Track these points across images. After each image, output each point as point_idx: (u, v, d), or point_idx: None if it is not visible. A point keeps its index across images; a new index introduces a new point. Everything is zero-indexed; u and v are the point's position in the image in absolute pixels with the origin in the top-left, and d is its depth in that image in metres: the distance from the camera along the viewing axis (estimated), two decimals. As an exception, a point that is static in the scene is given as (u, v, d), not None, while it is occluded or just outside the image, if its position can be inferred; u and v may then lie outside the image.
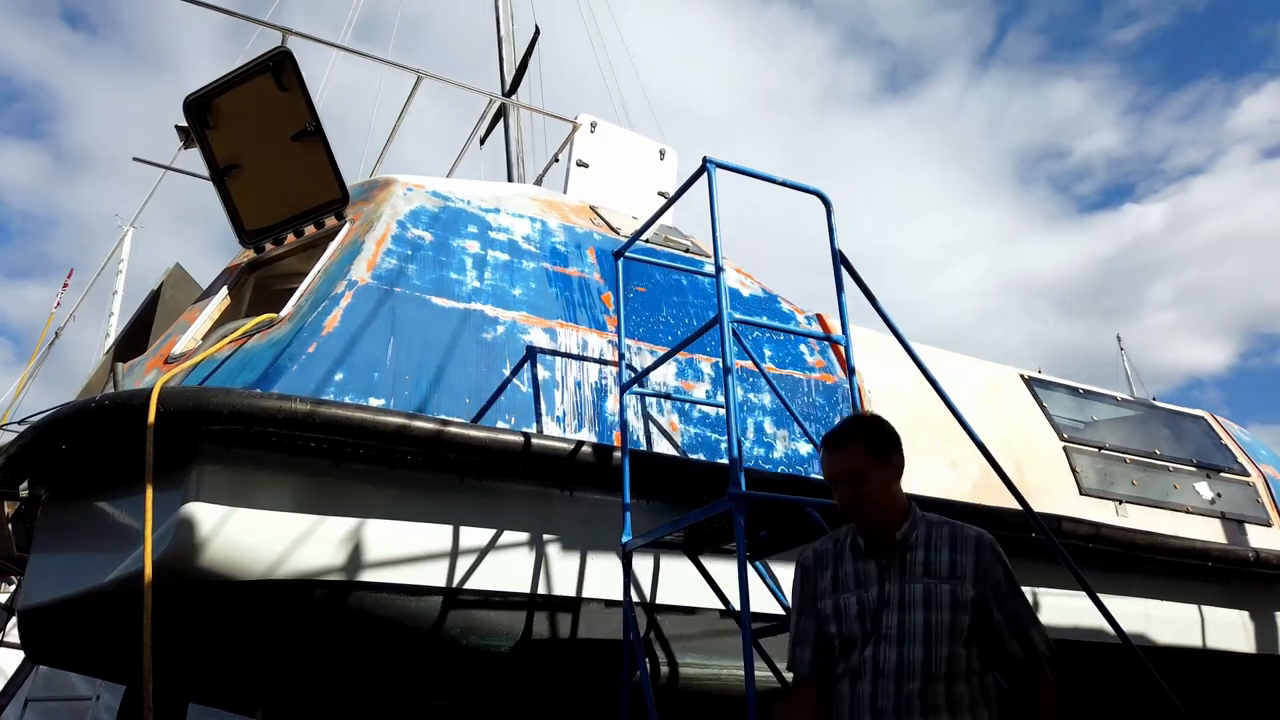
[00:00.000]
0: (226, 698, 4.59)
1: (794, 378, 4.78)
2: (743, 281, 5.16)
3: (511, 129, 8.35)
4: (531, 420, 3.93)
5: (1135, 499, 5.66)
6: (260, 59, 4.10)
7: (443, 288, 4.06)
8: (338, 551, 3.36)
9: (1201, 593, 5.49)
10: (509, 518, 3.70)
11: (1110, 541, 4.88)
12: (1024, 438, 5.47)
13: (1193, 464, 6.18)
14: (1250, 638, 5.67)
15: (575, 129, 5.77)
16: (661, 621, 3.93)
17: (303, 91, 4.07)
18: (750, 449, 4.42)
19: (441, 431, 3.40)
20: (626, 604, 3.51)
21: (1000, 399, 5.65)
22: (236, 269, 4.64)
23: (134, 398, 3.18)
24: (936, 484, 4.76)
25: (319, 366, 3.55)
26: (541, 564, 3.73)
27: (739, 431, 3.24)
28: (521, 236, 4.53)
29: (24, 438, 3.50)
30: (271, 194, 4.29)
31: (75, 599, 3.48)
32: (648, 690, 3.21)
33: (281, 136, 4.15)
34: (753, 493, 3.13)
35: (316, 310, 3.72)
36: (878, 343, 5.35)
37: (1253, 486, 6.34)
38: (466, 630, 3.58)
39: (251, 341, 3.78)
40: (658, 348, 4.43)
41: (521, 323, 4.16)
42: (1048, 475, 5.38)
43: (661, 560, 3.97)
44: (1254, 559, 5.46)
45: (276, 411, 3.14)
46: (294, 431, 3.18)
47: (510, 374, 3.98)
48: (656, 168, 6.05)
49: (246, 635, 3.53)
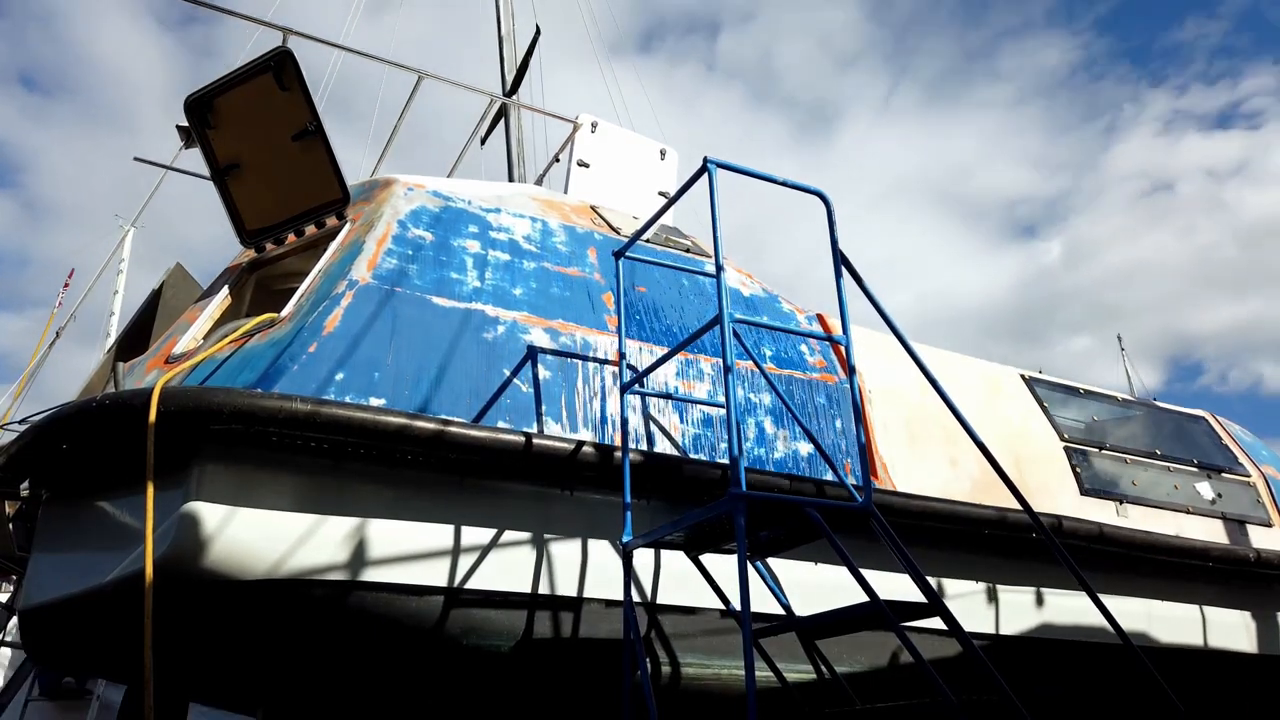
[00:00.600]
0: (227, 698, 4.59)
1: (795, 378, 4.78)
2: (743, 281, 5.16)
3: (512, 129, 8.36)
4: (532, 420, 3.93)
5: (1136, 499, 5.66)
6: (261, 59, 4.10)
7: (443, 288, 4.06)
8: (338, 551, 3.36)
9: (1202, 593, 5.49)
10: (510, 518, 3.70)
11: (1114, 542, 4.88)
12: (1024, 437, 5.47)
13: (1193, 464, 6.18)
14: (1252, 638, 5.67)
15: (576, 129, 5.77)
16: (663, 621, 3.93)
17: (303, 91, 4.07)
18: (751, 449, 4.42)
19: (443, 431, 3.40)
20: (627, 604, 3.51)
21: (1000, 399, 5.65)
22: (237, 269, 4.64)
23: (135, 397, 3.18)
24: (936, 483, 4.76)
25: (320, 366, 3.55)
26: (542, 564, 3.73)
27: (740, 431, 3.24)
28: (522, 236, 4.53)
29: (25, 437, 3.50)
30: (272, 194, 4.29)
31: (76, 599, 3.48)
32: (648, 690, 3.21)
33: (282, 136, 4.15)
34: (753, 493, 3.13)
35: (317, 310, 3.72)
36: (878, 342, 5.35)
37: (1253, 487, 6.34)
38: (467, 630, 3.58)
39: (252, 341, 3.78)
40: (658, 348, 4.43)
41: (522, 323, 4.16)
42: (1048, 475, 5.38)
43: (662, 560, 3.97)
44: (1255, 559, 5.46)
45: (277, 411, 3.14)
46: (295, 431, 3.18)
47: (511, 374, 3.98)
48: (657, 168, 6.05)
49: (247, 635, 3.52)
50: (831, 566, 3.90)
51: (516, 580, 3.64)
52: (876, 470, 4.63)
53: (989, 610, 4.76)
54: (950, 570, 4.68)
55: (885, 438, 4.82)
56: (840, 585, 3.43)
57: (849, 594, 3.26)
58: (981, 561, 4.73)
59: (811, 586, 4.03)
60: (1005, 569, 4.80)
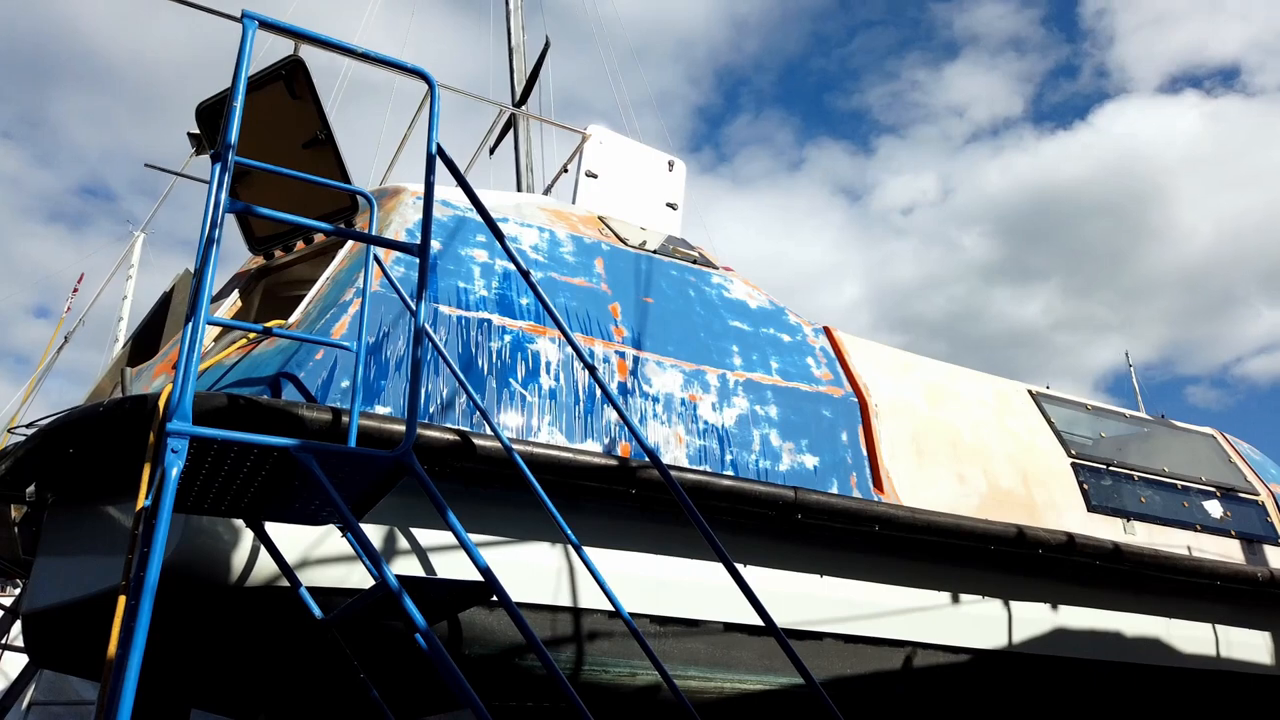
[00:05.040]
0: (229, 704, 4.58)
1: (800, 390, 4.77)
2: (750, 294, 5.16)
3: (521, 139, 8.39)
4: (537, 429, 3.93)
5: (1143, 515, 5.63)
6: (273, 67, 4.12)
7: (451, 296, 4.07)
8: (342, 558, 3.36)
9: (1214, 611, 5.46)
10: (509, 526, 3.69)
11: (1130, 560, 4.86)
12: (1031, 453, 5.45)
13: (1201, 481, 6.15)
14: (1267, 656, 5.64)
15: (585, 140, 5.79)
16: (664, 634, 3.92)
17: (314, 100, 4.09)
18: (756, 461, 4.41)
19: (459, 442, 3.41)
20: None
21: (1008, 414, 5.63)
22: (246, 274, 4.66)
23: (141, 402, 3.18)
24: (943, 498, 4.74)
25: (326, 373, 3.56)
26: (542, 573, 3.72)
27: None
28: (530, 246, 4.54)
29: (31, 441, 3.51)
30: (281, 201, 4.30)
31: (80, 603, 3.48)
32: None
33: (292, 144, 4.17)
34: (195, 428, 2.24)
35: (325, 317, 3.73)
36: (885, 356, 5.34)
37: (1262, 505, 6.30)
38: (469, 639, 3.57)
39: (260, 347, 3.79)
40: (665, 358, 4.43)
41: (529, 332, 4.16)
42: (1055, 491, 5.35)
43: (662, 568, 3.96)
44: (1268, 578, 5.42)
45: (284, 418, 3.14)
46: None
47: (516, 383, 3.98)
48: (665, 179, 6.06)
49: (249, 641, 3.52)
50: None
51: (519, 590, 3.63)
52: (881, 484, 4.61)
53: (1002, 624, 4.74)
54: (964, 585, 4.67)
55: (891, 452, 4.80)
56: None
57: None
58: (989, 577, 4.72)
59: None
60: (1012, 584, 4.79)
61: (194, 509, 2.92)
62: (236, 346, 3.85)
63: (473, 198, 3.18)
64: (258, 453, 2.43)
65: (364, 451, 2.68)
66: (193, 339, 2.42)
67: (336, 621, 3.07)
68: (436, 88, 2.99)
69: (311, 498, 2.80)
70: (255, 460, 2.50)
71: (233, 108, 2.56)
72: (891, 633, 4.46)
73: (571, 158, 5.99)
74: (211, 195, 2.55)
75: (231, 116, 2.55)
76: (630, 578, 3.77)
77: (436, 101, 2.97)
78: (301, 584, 3.20)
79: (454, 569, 3.52)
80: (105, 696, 2.33)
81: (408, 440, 2.52)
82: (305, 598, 3.16)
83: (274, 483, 2.67)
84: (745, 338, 4.84)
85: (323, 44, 2.88)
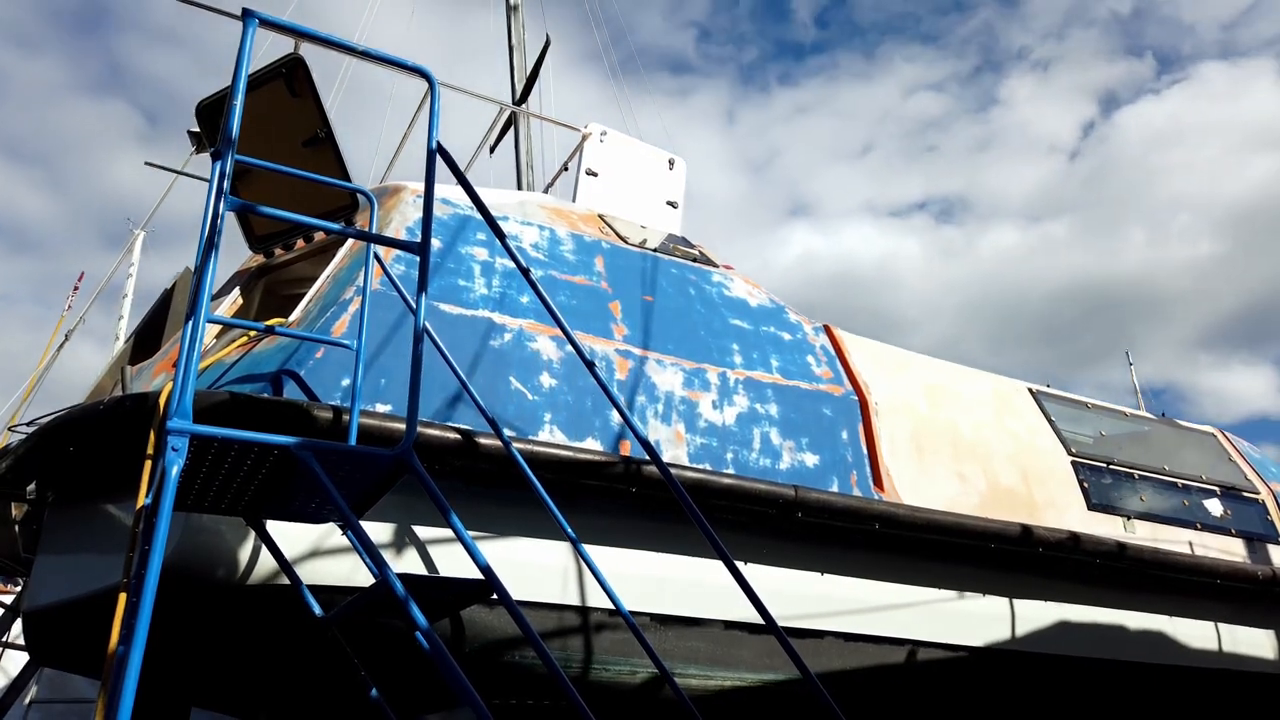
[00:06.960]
0: (229, 702, 4.59)
1: (800, 388, 4.77)
2: (750, 292, 5.16)
3: (521, 138, 8.39)
4: (537, 428, 3.93)
5: (1144, 514, 5.63)
6: (273, 65, 4.12)
7: (451, 295, 4.06)
8: (343, 557, 3.36)
9: (1217, 610, 5.46)
10: (509, 524, 3.69)
11: (1131, 558, 4.86)
12: (1031, 452, 5.44)
13: (1202, 480, 6.14)
14: (1271, 654, 5.65)
15: (585, 138, 5.78)
16: (665, 632, 3.92)
17: (314, 98, 4.09)
18: (756, 460, 4.41)
19: (459, 441, 3.40)
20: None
21: (1008, 412, 5.63)
22: (246, 273, 4.66)
23: (142, 401, 3.18)
24: (943, 496, 4.74)
25: (327, 371, 3.56)
26: (543, 571, 3.72)
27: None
28: (530, 244, 4.54)
29: (31, 439, 3.51)
30: (281, 199, 4.30)
31: (81, 601, 3.48)
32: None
33: (292, 142, 4.17)
34: (195, 426, 2.25)
35: (325, 315, 3.73)
36: (885, 355, 5.34)
37: (1262, 504, 6.30)
38: (470, 638, 3.57)
39: (260, 346, 3.78)
40: (665, 356, 4.43)
41: (529, 330, 4.16)
42: (1055, 489, 5.35)
43: (662, 568, 3.96)
44: (1269, 577, 5.43)
45: (284, 416, 3.14)
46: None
47: (517, 381, 3.98)
48: (665, 177, 6.06)
49: (250, 640, 3.52)
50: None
51: (522, 589, 3.63)
52: (882, 482, 4.61)
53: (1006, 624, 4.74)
54: (961, 583, 4.67)
55: (892, 450, 4.80)
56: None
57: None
58: (989, 575, 4.72)
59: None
60: (1014, 582, 4.79)
61: (194, 507, 2.93)
62: (237, 345, 3.85)
63: (473, 196, 3.18)
64: (258, 451, 2.44)
65: (364, 450, 2.68)
66: (193, 337, 2.42)
67: (337, 620, 3.07)
68: (437, 86, 2.99)
69: (312, 496, 2.80)
70: (256, 458, 2.50)
71: (233, 105, 2.55)
72: (892, 631, 4.46)
73: (572, 156, 5.99)
74: (211, 193, 2.55)
75: (231, 114, 2.54)
76: (630, 576, 3.77)
77: (437, 100, 2.97)
78: (302, 582, 3.20)
79: (454, 567, 3.53)
80: (106, 694, 2.33)
81: (408, 439, 2.53)
82: (306, 596, 3.17)
83: (274, 481, 2.67)
84: (745, 336, 4.85)
85: (323, 42, 2.88)
